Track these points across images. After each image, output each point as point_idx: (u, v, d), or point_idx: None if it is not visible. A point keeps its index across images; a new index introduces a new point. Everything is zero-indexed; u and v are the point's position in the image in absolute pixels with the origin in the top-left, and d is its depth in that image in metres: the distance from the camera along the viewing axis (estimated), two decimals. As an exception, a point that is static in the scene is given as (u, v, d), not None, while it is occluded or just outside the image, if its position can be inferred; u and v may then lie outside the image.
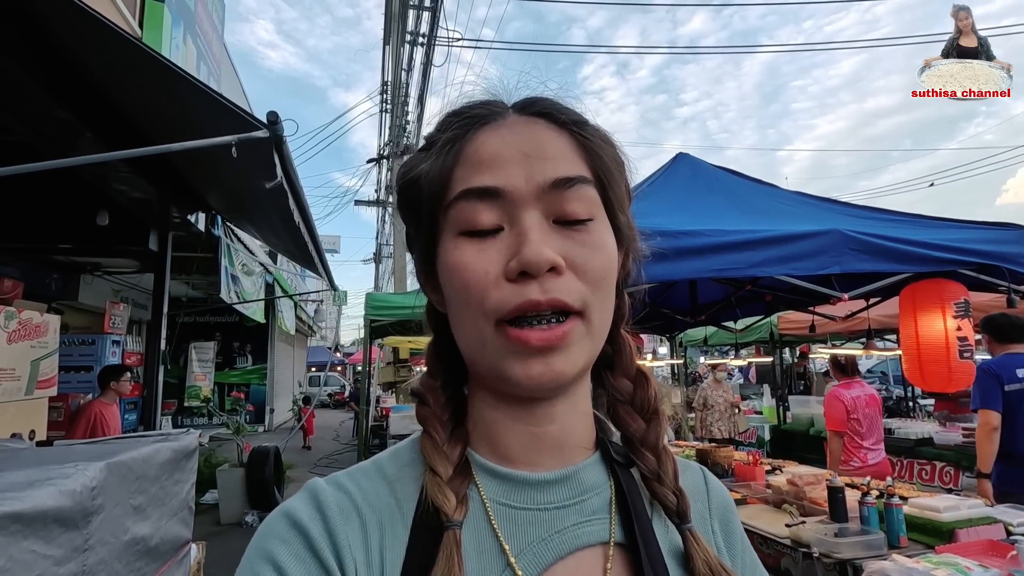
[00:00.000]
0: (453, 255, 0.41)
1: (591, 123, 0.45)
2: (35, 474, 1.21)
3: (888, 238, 2.38)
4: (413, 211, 0.46)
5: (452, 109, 0.46)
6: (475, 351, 0.42)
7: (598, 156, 0.44)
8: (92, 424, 4.24)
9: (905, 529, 2.34)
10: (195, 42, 7.32)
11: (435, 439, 0.44)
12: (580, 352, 0.41)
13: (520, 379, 0.40)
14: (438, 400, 0.47)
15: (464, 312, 0.42)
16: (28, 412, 2.55)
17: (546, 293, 0.39)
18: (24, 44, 2.61)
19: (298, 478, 8.00)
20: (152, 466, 1.65)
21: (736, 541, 0.50)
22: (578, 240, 0.41)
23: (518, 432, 0.44)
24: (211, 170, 3.80)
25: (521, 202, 0.40)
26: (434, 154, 0.44)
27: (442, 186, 0.43)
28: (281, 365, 15.17)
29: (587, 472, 0.45)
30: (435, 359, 0.50)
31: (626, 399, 0.49)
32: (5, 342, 2.38)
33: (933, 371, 2.78)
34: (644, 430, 0.47)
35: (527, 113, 0.44)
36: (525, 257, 0.38)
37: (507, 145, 0.42)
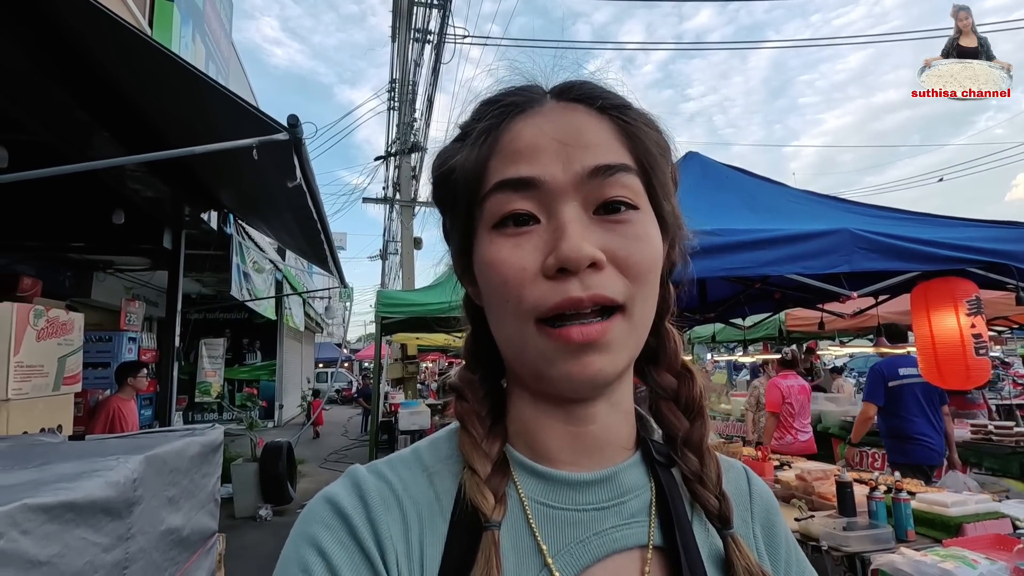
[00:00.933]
0: (489, 251, 0.40)
1: (634, 106, 0.43)
2: (82, 466, 1.27)
3: (897, 237, 2.41)
4: (448, 203, 0.45)
5: (487, 97, 0.45)
6: (513, 349, 0.41)
7: (640, 142, 0.42)
8: (111, 419, 4.34)
9: (913, 523, 2.38)
10: (204, 41, 7.37)
11: (474, 436, 0.44)
12: (622, 350, 0.40)
13: (560, 379, 0.39)
14: (476, 395, 0.46)
15: (501, 310, 0.40)
16: (55, 407, 2.63)
17: (587, 289, 0.37)
18: (42, 45, 2.66)
19: (309, 473, 8.11)
20: (184, 459, 1.71)
21: (780, 544, 0.48)
22: (619, 232, 0.39)
23: (557, 431, 0.43)
24: (225, 169, 3.86)
25: (559, 193, 0.39)
26: (469, 144, 0.43)
27: (477, 177, 0.42)
28: (290, 361, 15.31)
29: (627, 473, 0.44)
30: (473, 352, 0.49)
31: (670, 395, 0.47)
32: (35, 340, 2.45)
33: (951, 369, 2.81)
34: (688, 429, 0.46)
35: (565, 99, 0.43)
36: (563, 253, 0.37)
37: (543, 133, 0.40)
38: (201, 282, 9.49)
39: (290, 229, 4.89)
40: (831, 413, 6.26)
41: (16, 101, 2.99)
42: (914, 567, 1.97)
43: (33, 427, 2.42)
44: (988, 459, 4.64)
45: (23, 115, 3.09)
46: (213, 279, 8.87)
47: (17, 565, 0.94)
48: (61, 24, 2.63)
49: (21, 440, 1.82)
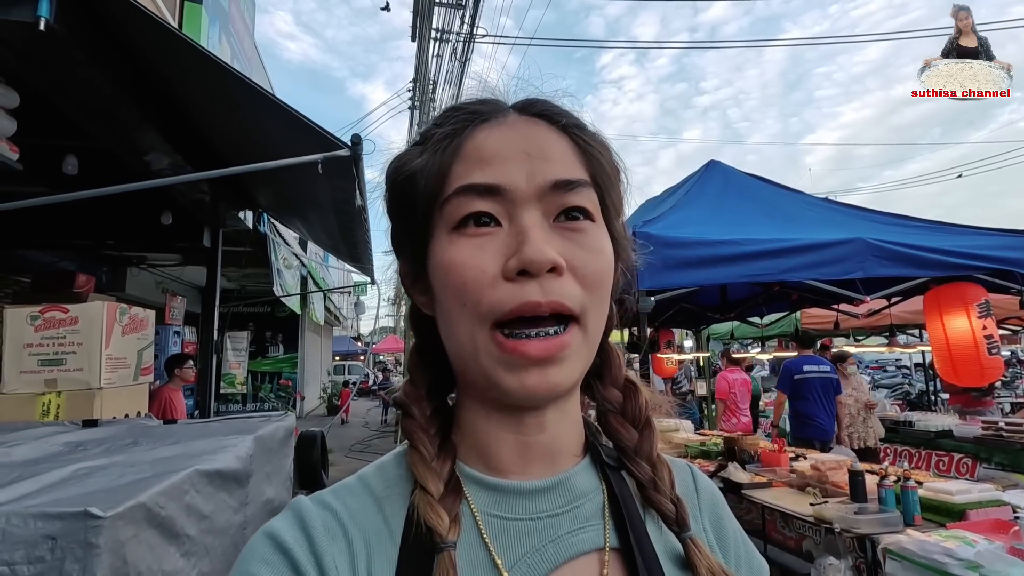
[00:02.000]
0: (448, 252, 0.40)
1: (590, 127, 0.45)
2: (213, 443, 1.53)
3: (908, 245, 2.60)
4: (405, 207, 0.45)
5: (451, 105, 0.46)
6: (467, 356, 0.41)
7: (597, 161, 0.43)
8: (163, 408, 4.63)
9: (920, 509, 2.58)
10: (229, 41, 7.56)
11: (423, 454, 0.43)
12: (577, 362, 0.41)
13: (515, 389, 0.39)
14: (424, 411, 0.46)
15: (458, 313, 0.40)
16: (135, 395, 2.91)
17: (547, 295, 0.38)
18: (114, 62, 2.87)
19: (336, 462, 8.42)
20: (275, 441, 1.97)
21: (728, 536, 0.50)
22: (577, 242, 0.40)
23: (508, 441, 0.43)
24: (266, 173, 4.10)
25: (522, 201, 0.40)
26: (430, 149, 0.43)
27: (439, 182, 0.42)
28: (310, 354, 15.66)
29: (578, 478, 0.45)
30: (419, 366, 0.48)
31: (616, 409, 0.48)
32: (120, 335, 2.73)
33: (965, 368, 2.99)
34: (637, 440, 0.47)
35: (528, 113, 0.44)
36: (526, 255, 0.37)
37: (508, 143, 0.41)
38: (227, 277, 9.81)
39: (330, 229, 5.13)
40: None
41: (86, 111, 3.24)
42: (919, 546, 2.18)
43: (120, 413, 2.70)
44: (998, 454, 4.79)
45: (92, 126, 3.34)
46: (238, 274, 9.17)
47: (196, 515, 1.19)
48: (131, 44, 2.87)
49: (134, 423, 2.09)
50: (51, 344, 2.55)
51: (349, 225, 4.28)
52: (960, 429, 5.20)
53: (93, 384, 2.55)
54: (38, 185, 3.90)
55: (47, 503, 0.92)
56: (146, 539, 0.98)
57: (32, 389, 2.51)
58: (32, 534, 0.85)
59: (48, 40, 2.34)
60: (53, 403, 2.51)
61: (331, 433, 10.82)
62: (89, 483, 1.09)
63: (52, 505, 0.88)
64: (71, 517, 0.85)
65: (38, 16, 2.20)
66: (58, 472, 1.13)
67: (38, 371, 2.53)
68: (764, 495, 3.12)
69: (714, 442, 4.20)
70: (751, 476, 3.38)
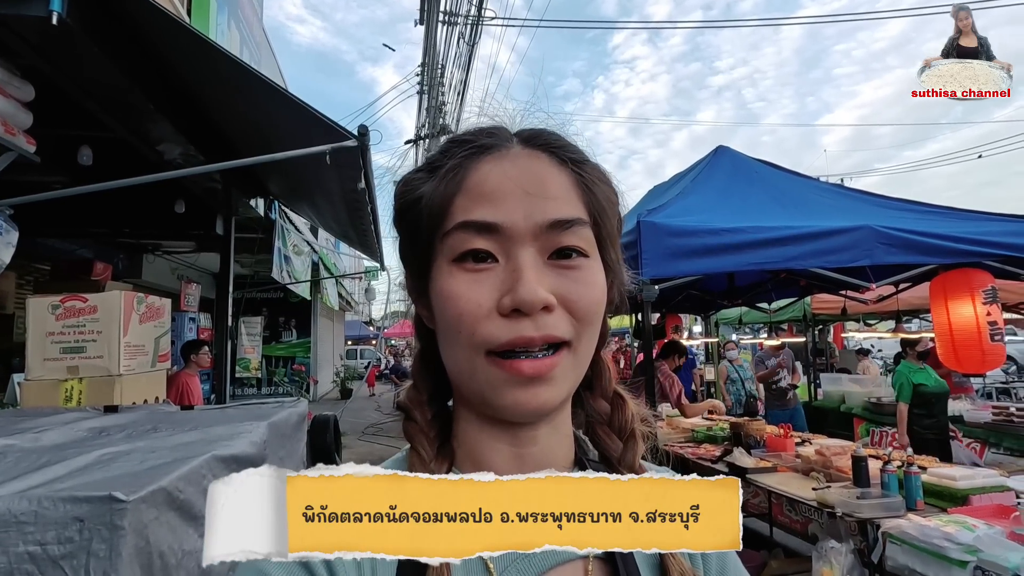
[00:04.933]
0: (448, 283, 0.42)
1: (591, 161, 0.47)
2: (230, 429, 1.59)
3: (916, 232, 2.59)
4: (410, 230, 0.47)
5: (455, 136, 0.48)
6: (463, 376, 0.44)
7: (593, 195, 0.45)
8: (180, 393, 4.74)
9: (922, 494, 2.61)
10: (238, 27, 7.56)
11: (423, 456, 0.45)
12: (566, 382, 0.43)
13: (507, 407, 0.42)
14: (424, 416, 0.48)
15: (454, 339, 0.43)
16: (153, 382, 3.00)
17: (539, 330, 0.40)
18: (130, 58, 2.92)
19: (349, 444, 8.59)
20: (288, 426, 2.04)
21: None
22: (571, 277, 0.42)
23: (502, 452, 0.46)
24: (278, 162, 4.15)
25: (518, 238, 0.41)
26: (437, 178, 0.45)
27: (442, 213, 0.44)
28: (323, 339, 15.86)
29: None
30: (422, 372, 0.51)
31: (604, 420, 0.51)
32: (138, 323, 2.81)
33: (967, 354, 2.99)
34: (621, 450, 0.49)
35: (531, 145, 0.45)
36: (520, 296, 0.39)
37: (509, 180, 0.43)
38: (240, 263, 9.95)
39: (339, 217, 5.19)
40: (854, 394, 6.41)
41: (101, 102, 3.29)
42: (919, 530, 2.21)
43: (139, 399, 2.79)
44: (1008, 439, 4.80)
45: (107, 117, 3.40)
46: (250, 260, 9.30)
47: (213, 499, 1.26)
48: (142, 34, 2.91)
49: (154, 409, 2.17)
50: (72, 332, 2.63)
51: (358, 213, 4.33)
52: (971, 414, 5.20)
53: (113, 371, 2.64)
54: (56, 175, 3.98)
55: (76, 487, 0.98)
56: (167, 521, 1.04)
57: (55, 376, 2.61)
58: (62, 516, 0.91)
59: (61, 34, 2.39)
60: (75, 389, 2.60)
61: (344, 417, 11.03)
62: (113, 468, 1.15)
63: (80, 489, 0.94)
64: (97, 500, 0.90)
65: (51, 11, 2.24)
66: (84, 457, 1.19)
67: (60, 358, 2.62)
68: (769, 480, 3.16)
69: (720, 427, 4.23)
70: (756, 461, 3.42)
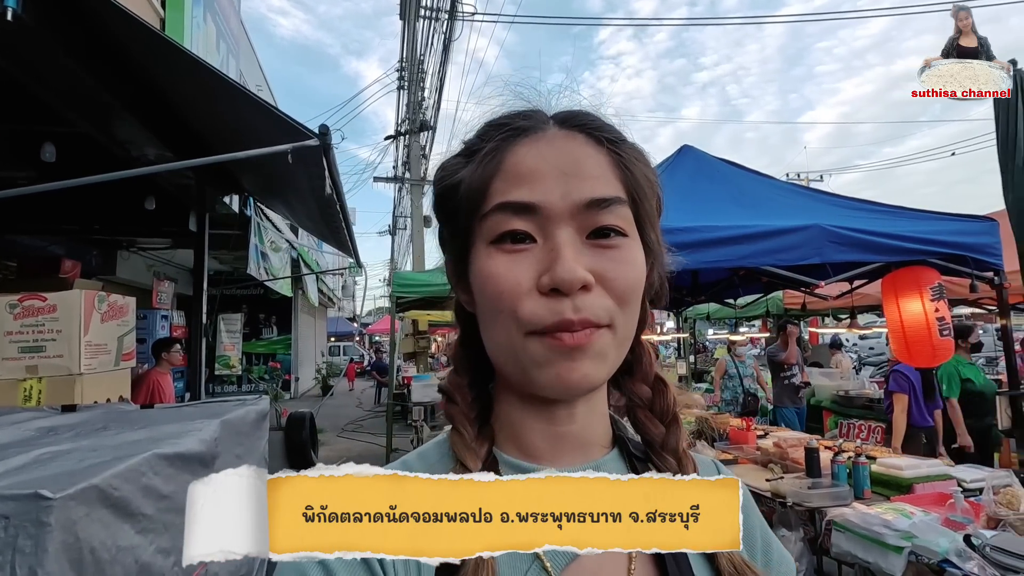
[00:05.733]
0: (487, 264, 0.43)
1: (628, 140, 0.47)
2: (179, 427, 1.62)
3: (865, 231, 2.68)
4: (449, 215, 0.48)
5: (492, 119, 0.48)
6: (505, 355, 0.44)
7: (631, 174, 0.45)
8: (150, 391, 4.72)
9: (869, 484, 2.71)
10: (214, 20, 7.46)
11: (464, 436, 0.46)
12: (606, 359, 0.43)
13: (549, 382, 0.42)
14: (465, 398, 0.49)
15: (495, 319, 0.43)
16: (117, 381, 2.99)
17: (578, 312, 0.40)
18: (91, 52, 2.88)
19: (328, 441, 8.59)
20: (246, 424, 2.06)
21: (755, 528, 0.52)
22: (609, 256, 0.42)
23: (541, 431, 0.47)
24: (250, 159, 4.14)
25: (556, 218, 0.42)
26: (474, 163, 0.45)
27: (480, 196, 0.44)
28: (304, 336, 15.77)
29: (607, 468, 0.47)
30: (462, 357, 0.51)
31: (645, 404, 0.51)
32: (99, 321, 2.80)
33: (918, 349, 3.11)
34: (664, 435, 0.49)
35: (568, 126, 0.45)
36: (558, 275, 0.40)
37: (545, 160, 0.43)
38: (219, 259, 9.84)
39: (311, 215, 5.18)
40: (824, 387, 6.56)
41: (62, 97, 3.25)
42: (861, 518, 2.31)
43: (101, 398, 2.78)
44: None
45: (68, 111, 3.36)
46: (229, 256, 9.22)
47: (153, 496, 1.28)
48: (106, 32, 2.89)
49: (110, 408, 2.18)
50: (31, 332, 2.62)
51: (329, 211, 4.33)
52: (932, 406, 5.37)
53: (73, 370, 2.63)
54: (24, 170, 3.93)
55: (6, 486, 1.01)
56: (99, 518, 1.07)
57: (14, 375, 2.59)
58: (-10, 514, 0.94)
59: (18, 30, 2.36)
60: (35, 389, 2.59)
61: (324, 413, 11.01)
62: (51, 467, 1.17)
63: (8, 488, 0.97)
64: (24, 499, 0.93)
65: (6, 6, 2.22)
66: (23, 457, 1.21)
67: (19, 358, 2.61)
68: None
69: (687, 420, 4.33)
70: (718, 453, 3.51)
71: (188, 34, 6.35)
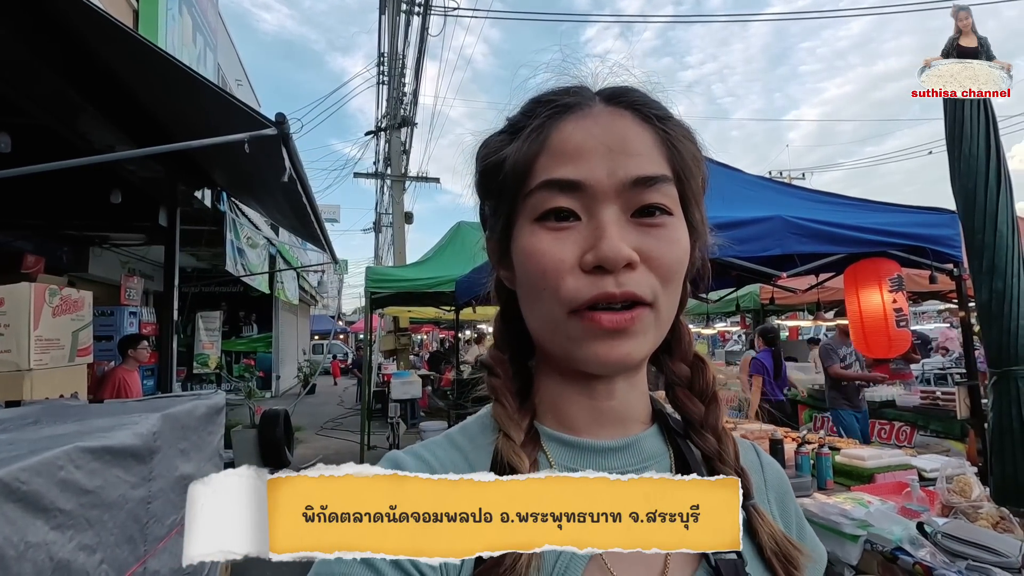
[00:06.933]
0: (530, 241, 0.43)
1: (675, 118, 0.46)
2: (113, 421, 1.56)
3: (825, 223, 2.69)
4: (493, 192, 0.48)
5: (537, 96, 0.47)
6: (546, 333, 0.44)
7: (678, 152, 0.44)
8: (117, 388, 4.63)
9: (832, 474, 2.72)
10: (190, 12, 7.33)
11: (507, 408, 0.47)
12: (647, 337, 0.43)
13: (589, 360, 0.42)
14: (507, 372, 0.49)
15: (537, 296, 0.43)
16: (71, 377, 2.91)
17: (620, 287, 0.40)
18: (42, 36, 2.80)
19: (306, 439, 8.49)
20: (193, 418, 2.01)
21: (791, 513, 0.53)
22: (654, 235, 0.42)
23: (582, 405, 0.47)
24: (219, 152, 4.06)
25: (601, 196, 0.41)
26: (519, 139, 0.45)
27: (525, 173, 0.44)
28: (286, 333, 15.61)
29: (647, 441, 0.48)
30: (503, 332, 0.52)
31: (684, 383, 0.51)
32: (51, 316, 2.72)
33: (875, 340, 3.15)
34: (703, 413, 0.49)
35: (614, 104, 0.45)
36: (603, 252, 0.40)
37: (591, 137, 0.42)
38: (196, 256, 9.69)
39: (282, 209, 5.11)
40: (799, 382, 6.65)
41: (16, 87, 3.16)
42: (819, 508, 2.31)
43: (53, 394, 2.71)
44: (934, 422, 5.03)
45: (24, 101, 3.26)
46: (207, 253, 9.07)
47: (72, 490, 1.24)
48: (60, 17, 2.81)
49: (53, 403, 2.12)
50: (-23, 327, 2.55)
51: (297, 204, 4.27)
52: (902, 399, 5.45)
53: (22, 365, 2.56)
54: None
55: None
56: (4, 513, 1.02)
57: (-41, 371, 2.52)
58: None
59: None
60: (-19, 385, 2.52)
61: (304, 411, 10.90)
62: (-40, 461, 1.12)
63: None
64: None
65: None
66: (-69, 451, 1.16)
67: (-36, 353, 2.53)
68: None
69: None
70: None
71: (163, 27, 6.21)
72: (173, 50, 6.16)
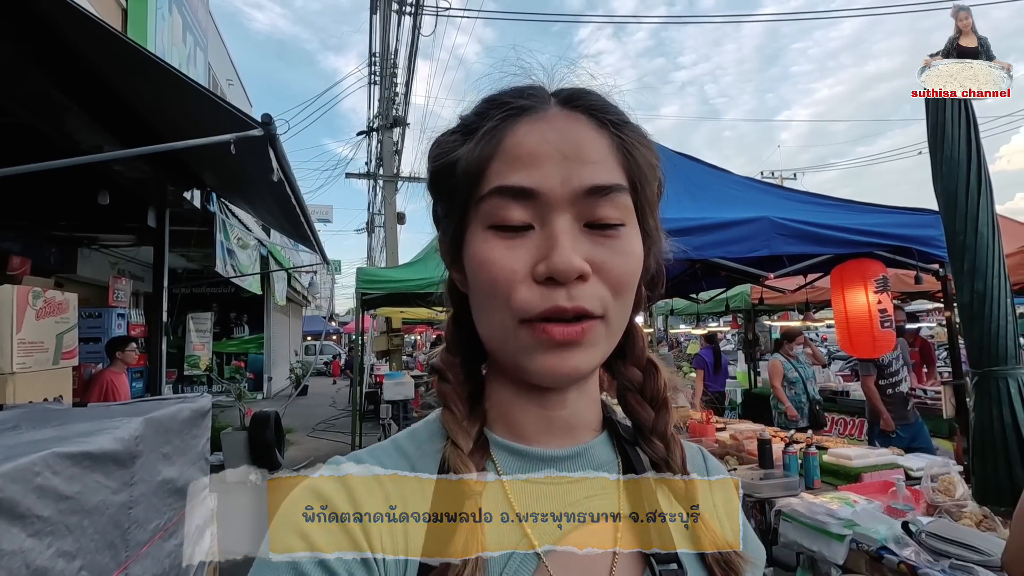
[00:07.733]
0: (482, 249, 0.42)
1: (631, 123, 0.45)
2: (94, 425, 1.55)
3: (812, 224, 2.71)
4: (445, 194, 0.46)
5: (491, 95, 0.46)
6: (497, 341, 0.44)
7: (633, 159, 0.43)
8: (104, 391, 4.59)
9: (819, 473, 2.74)
10: (180, 11, 7.27)
11: (456, 414, 0.46)
12: (598, 349, 0.43)
13: (539, 372, 0.42)
14: (458, 377, 0.49)
15: (489, 304, 0.42)
16: (56, 379, 2.88)
17: (572, 300, 0.40)
18: (24, 36, 2.77)
19: (298, 441, 8.46)
20: (176, 422, 1.99)
21: (736, 514, 0.53)
22: (607, 245, 0.41)
23: (533, 414, 0.47)
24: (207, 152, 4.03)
25: (555, 205, 0.41)
26: (472, 141, 0.44)
27: (478, 177, 0.43)
28: (277, 335, 15.52)
29: (596, 450, 0.48)
30: (455, 336, 0.51)
31: (636, 388, 0.50)
32: (34, 318, 2.69)
33: (860, 340, 3.17)
34: (653, 419, 0.49)
35: (569, 107, 0.44)
36: (555, 264, 0.39)
37: (546, 143, 0.41)
38: (187, 257, 9.60)
39: (271, 210, 5.08)
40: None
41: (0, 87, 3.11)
42: (806, 507, 2.32)
43: (37, 397, 2.68)
44: (924, 421, 5.08)
45: (8, 101, 3.22)
46: (198, 254, 8.99)
47: (50, 497, 1.22)
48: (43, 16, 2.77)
49: (35, 407, 2.09)
50: (-42, 329, 2.51)
51: (286, 205, 4.25)
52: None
53: (5, 369, 2.53)
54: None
55: None
56: (-24, 519, 1.01)
57: (-60, 375, 2.48)
58: None
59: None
60: (-38, 389, 2.48)
61: (296, 412, 10.84)
62: (-67, 468, 1.10)
63: None
64: None
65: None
66: (-96, 458, 1.14)
67: (-55, 357, 2.50)
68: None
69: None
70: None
71: (152, 26, 6.16)
72: (162, 50, 6.11)
